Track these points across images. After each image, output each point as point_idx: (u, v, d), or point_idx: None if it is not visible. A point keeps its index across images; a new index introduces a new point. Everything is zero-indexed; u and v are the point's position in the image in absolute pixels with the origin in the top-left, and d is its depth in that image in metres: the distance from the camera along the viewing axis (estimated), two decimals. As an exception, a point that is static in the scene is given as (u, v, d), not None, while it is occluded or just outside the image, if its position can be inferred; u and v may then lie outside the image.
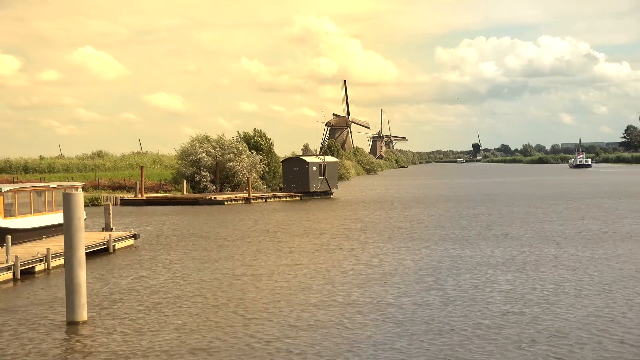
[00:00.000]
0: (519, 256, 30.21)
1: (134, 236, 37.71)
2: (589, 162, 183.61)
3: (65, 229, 20.26)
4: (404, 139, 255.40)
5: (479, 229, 41.26)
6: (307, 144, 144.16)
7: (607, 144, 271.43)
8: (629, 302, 20.84)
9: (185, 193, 71.98)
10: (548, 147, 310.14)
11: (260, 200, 68.99)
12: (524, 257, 30.01)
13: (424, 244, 34.75)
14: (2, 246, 28.31)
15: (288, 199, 71.29)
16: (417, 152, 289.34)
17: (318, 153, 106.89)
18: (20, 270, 26.85)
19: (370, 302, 21.53)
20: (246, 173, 73.93)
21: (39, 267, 28.31)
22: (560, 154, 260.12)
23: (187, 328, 18.97)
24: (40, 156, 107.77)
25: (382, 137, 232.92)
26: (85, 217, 21.85)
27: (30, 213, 38.15)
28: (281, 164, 78.93)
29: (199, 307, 21.65)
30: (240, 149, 76.93)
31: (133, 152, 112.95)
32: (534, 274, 25.90)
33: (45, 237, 35.17)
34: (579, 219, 45.73)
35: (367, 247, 34.23)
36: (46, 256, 28.66)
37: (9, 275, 26.40)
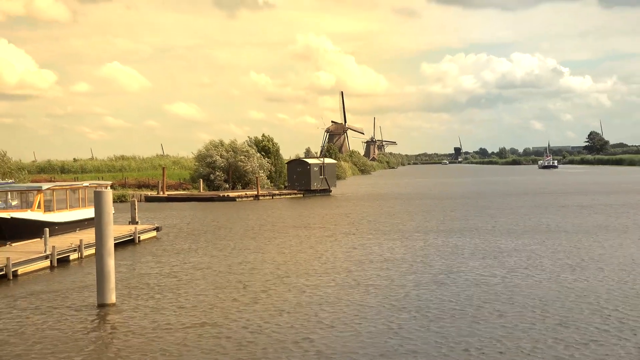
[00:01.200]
0: (482, 244, 30.34)
1: (157, 229, 37.74)
2: (556, 164, 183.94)
3: (96, 223, 20.32)
4: (394, 143, 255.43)
5: (453, 221, 41.31)
6: (308, 147, 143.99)
7: (573, 147, 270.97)
8: (573, 287, 20.97)
9: (202, 191, 71.98)
10: (521, 150, 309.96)
11: (268, 197, 69.03)
12: (487, 245, 30.15)
13: (407, 235, 34.82)
14: (41, 237, 28.40)
15: (292, 196, 71.29)
16: (406, 155, 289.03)
17: (318, 156, 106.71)
18: (57, 258, 26.94)
19: (367, 281, 21.67)
20: (255, 173, 74.00)
21: (73, 256, 28.41)
22: (531, 156, 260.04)
23: (205, 307, 19.02)
24: (74, 158, 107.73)
25: (375, 141, 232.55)
26: (113, 212, 21.94)
27: (66, 208, 38.23)
28: (286, 165, 78.88)
29: (214, 289, 21.71)
30: (250, 152, 76.97)
31: (156, 155, 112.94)
32: (493, 261, 26.00)
33: (79, 230, 35.22)
34: (536, 214, 45.81)
35: (361, 237, 34.23)
36: (79, 246, 28.75)
37: (47, 263, 26.50)
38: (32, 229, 33.39)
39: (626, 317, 17.17)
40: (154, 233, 36.98)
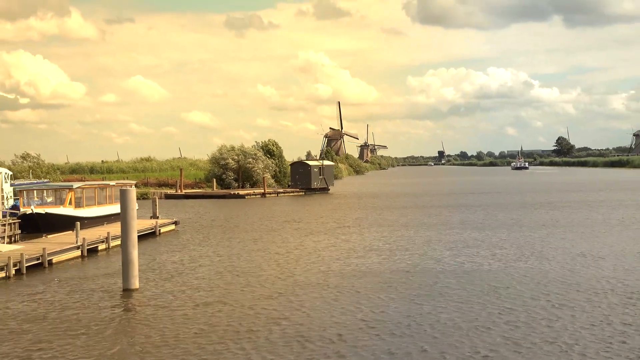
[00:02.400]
0: (453, 237, 30.42)
1: (175, 223, 37.74)
2: (527, 165, 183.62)
3: (121, 217, 20.35)
4: (384, 147, 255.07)
5: (430, 217, 41.38)
6: (309, 151, 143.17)
7: (543, 151, 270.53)
8: (522, 273, 21.02)
9: (215, 189, 71.98)
10: (497, 153, 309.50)
11: (273, 195, 69.01)
12: (458, 238, 30.20)
13: (390, 227, 34.90)
14: (72, 230, 28.40)
15: (294, 194, 71.26)
16: (395, 157, 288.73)
17: (318, 158, 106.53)
18: (87, 249, 26.96)
19: (352, 265, 21.72)
20: (262, 173, 73.98)
21: (101, 246, 28.42)
22: (506, 159, 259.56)
23: (219, 291, 19.03)
24: (102, 160, 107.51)
25: (368, 145, 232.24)
26: (137, 207, 21.92)
27: (95, 204, 38.30)
28: (289, 166, 78.90)
29: (227, 275, 21.78)
30: (257, 155, 76.96)
31: (174, 158, 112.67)
32: (460, 252, 26.07)
33: (106, 224, 35.23)
34: (502, 210, 45.86)
35: (356, 228, 34.34)
36: (107, 238, 28.76)
37: (78, 253, 26.51)
38: (64, 223, 33.44)
39: (564, 299, 17.29)
40: (172, 226, 36.98)
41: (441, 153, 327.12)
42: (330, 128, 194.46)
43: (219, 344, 13.78)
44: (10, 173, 43.21)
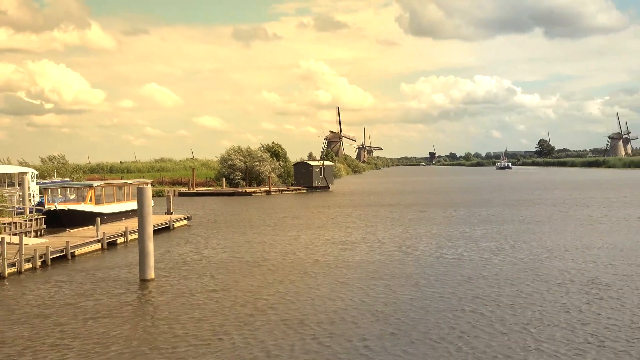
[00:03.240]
0: (436, 230, 30.46)
1: (188, 218, 37.77)
2: (510, 165, 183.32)
3: (138, 213, 20.38)
4: (380, 148, 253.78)
5: (418, 212, 41.40)
6: (311, 152, 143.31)
7: (526, 152, 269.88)
8: (491, 263, 21.04)
9: (224, 187, 71.94)
10: (483, 154, 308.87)
11: (278, 193, 68.95)
12: (442, 231, 30.25)
13: (382, 221, 35.01)
14: (93, 225, 28.42)
15: (297, 191, 71.21)
16: (390, 158, 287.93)
17: (319, 159, 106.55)
18: (107, 242, 27.01)
19: (345, 253, 21.81)
20: (267, 173, 73.97)
21: (120, 240, 28.46)
22: (491, 159, 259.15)
23: (228, 279, 19.06)
24: (121, 161, 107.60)
25: (365, 147, 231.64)
26: (152, 204, 21.95)
27: (114, 201, 38.35)
28: (292, 166, 78.88)
29: (236, 264, 21.81)
30: (263, 156, 77.01)
31: (187, 158, 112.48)
32: (440, 244, 26.14)
33: (124, 219, 35.28)
34: (484, 206, 45.87)
35: (356, 220, 34.47)
36: (125, 232, 28.81)
37: (98, 246, 26.56)
38: (86, 218, 33.48)
39: (530, 287, 17.32)
40: (185, 221, 37.00)
41: (432, 154, 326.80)
42: (330, 131, 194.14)
43: (230, 327, 13.83)
44: (37, 173, 43.26)
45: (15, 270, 20.91)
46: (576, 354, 11.81)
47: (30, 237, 28.32)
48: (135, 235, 26.22)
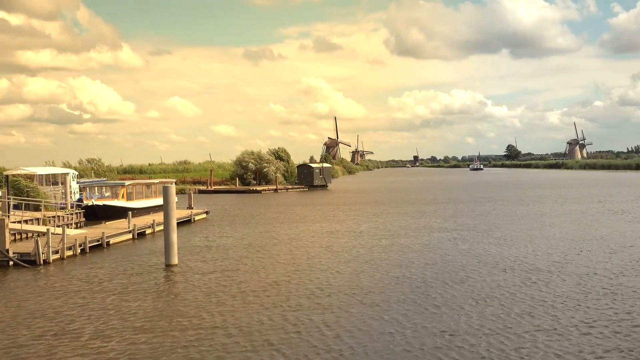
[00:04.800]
0: (413, 223, 30.48)
1: (207, 212, 37.80)
2: (482, 167, 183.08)
3: (164, 208, 20.39)
4: (371, 152, 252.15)
5: (405, 206, 41.41)
6: (312, 156, 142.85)
7: (496, 156, 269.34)
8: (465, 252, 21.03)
9: (238, 186, 71.96)
10: (459, 157, 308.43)
11: (283, 190, 68.97)
12: (418, 223, 30.25)
13: (377, 215, 34.98)
14: (125, 218, 28.45)
15: (300, 189, 71.24)
16: (379, 161, 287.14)
17: (319, 161, 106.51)
18: (137, 233, 27.04)
19: (340, 241, 21.89)
20: (274, 173, 73.97)
21: (148, 231, 28.48)
22: (466, 162, 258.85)
23: (243, 263, 19.07)
24: (149, 163, 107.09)
25: (358, 151, 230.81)
26: (176, 200, 21.98)
27: (143, 198, 38.35)
28: (296, 168, 78.89)
29: (250, 250, 21.77)
30: (271, 159, 77.03)
31: (205, 161, 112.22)
32: (417, 236, 26.14)
33: (152, 213, 35.30)
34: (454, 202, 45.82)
35: (349, 214, 34.47)
36: (152, 224, 28.83)
37: (129, 236, 26.59)
38: (118, 213, 33.52)
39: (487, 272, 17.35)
40: (204, 215, 37.03)
41: (416, 157, 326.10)
42: (328, 138, 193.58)
43: (244, 305, 13.85)
44: (77, 173, 43.24)
45: (59, 256, 20.96)
46: (505, 326, 11.74)
47: (71, 228, 28.36)
48: (161, 227, 26.31)
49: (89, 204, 34.54)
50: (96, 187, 38.95)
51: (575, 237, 24.41)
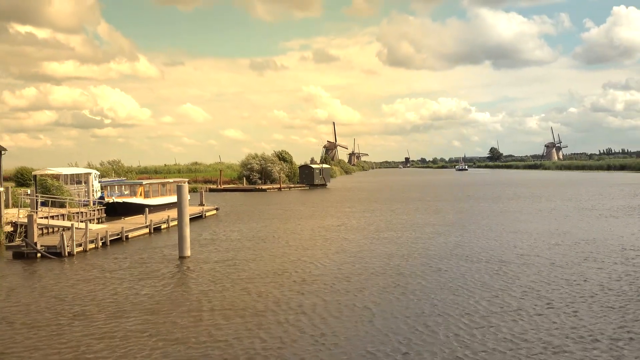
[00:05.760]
0: (396, 219, 30.53)
1: (217, 209, 37.85)
2: (466, 168, 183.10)
3: (177, 205, 20.44)
4: (366, 154, 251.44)
5: (395, 204, 41.45)
6: (312, 157, 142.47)
7: (480, 157, 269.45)
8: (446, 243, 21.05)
9: (244, 185, 71.98)
10: (447, 159, 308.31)
11: (286, 189, 68.98)
12: (402, 219, 30.32)
13: (375, 210, 34.98)
14: (143, 214, 28.49)
15: (302, 188, 71.26)
16: (374, 162, 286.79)
17: (319, 163, 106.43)
18: (153, 227, 27.09)
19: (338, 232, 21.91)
20: (278, 174, 74.00)
21: (164, 226, 28.50)
22: (453, 163, 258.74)
23: (250, 255, 19.09)
24: (164, 164, 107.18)
25: (354, 153, 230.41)
26: (188, 198, 22.04)
27: (159, 196, 38.38)
28: (298, 168, 78.92)
29: (256, 242, 21.81)
30: (275, 160, 76.99)
31: (215, 162, 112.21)
32: (403, 232, 26.21)
33: (166, 209, 35.35)
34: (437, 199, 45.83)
35: (349, 210, 34.48)
36: (167, 220, 28.85)
37: (146, 230, 26.63)
38: (137, 209, 33.56)
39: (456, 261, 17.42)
40: (214, 211, 37.08)
41: (407, 159, 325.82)
42: (327, 141, 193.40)
43: (256, 294, 13.93)
44: (98, 173, 43.29)
45: (82, 249, 21.03)
46: (466, 313, 11.76)
47: (93, 223, 28.43)
48: (175, 222, 26.38)
49: (110, 201, 34.60)
50: (116, 186, 39.01)
51: (541, 232, 24.38)
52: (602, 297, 12.92)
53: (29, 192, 32.85)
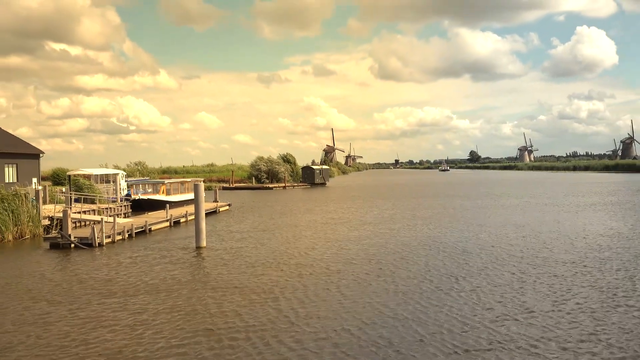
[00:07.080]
0: (387, 213, 30.50)
1: (229, 205, 37.82)
2: (448, 168, 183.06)
3: (194, 201, 20.37)
4: (361, 157, 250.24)
5: (385, 201, 41.37)
6: (313, 159, 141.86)
7: (461, 160, 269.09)
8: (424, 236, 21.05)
9: (254, 184, 71.94)
10: (432, 161, 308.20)
11: (290, 187, 68.91)
12: (393, 213, 30.27)
13: (366, 206, 34.90)
14: (164, 210, 28.50)
15: (304, 187, 71.19)
16: (368, 163, 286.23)
17: (319, 164, 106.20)
18: (173, 221, 27.07)
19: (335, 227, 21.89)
20: (283, 174, 73.96)
21: (183, 220, 28.44)
22: (437, 164, 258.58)
23: (261, 245, 19.05)
24: (183, 166, 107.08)
25: (350, 156, 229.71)
26: (204, 195, 22.07)
27: (178, 193, 38.38)
28: (300, 169, 78.85)
29: (266, 235, 21.70)
30: (280, 162, 77.04)
31: (228, 164, 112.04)
32: (388, 226, 26.13)
33: (185, 205, 35.37)
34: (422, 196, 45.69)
35: (344, 205, 34.44)
36: (186, 214, 28.81)
37: (167, 224, 26.58)
38: (159, 205, 33.57)
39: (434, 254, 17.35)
40: (227, 207, 37.06)
41: (397, 161, 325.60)
42: (326, 145, 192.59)
43: (263, 277, 13.93)
44: (125, 173, 43.32)
45: (111, 240, 21.05)
46: (428, 297, 11.58)
47: (120, 218, 28.47)
48: (192, 217, 26.39)
49: (135, 198, 34.65)
50: (141, 185, 39.06)
51: (504, 224, 24.24)
52: (547, 279, 13.06)
53: (63, 190, 32.91)
